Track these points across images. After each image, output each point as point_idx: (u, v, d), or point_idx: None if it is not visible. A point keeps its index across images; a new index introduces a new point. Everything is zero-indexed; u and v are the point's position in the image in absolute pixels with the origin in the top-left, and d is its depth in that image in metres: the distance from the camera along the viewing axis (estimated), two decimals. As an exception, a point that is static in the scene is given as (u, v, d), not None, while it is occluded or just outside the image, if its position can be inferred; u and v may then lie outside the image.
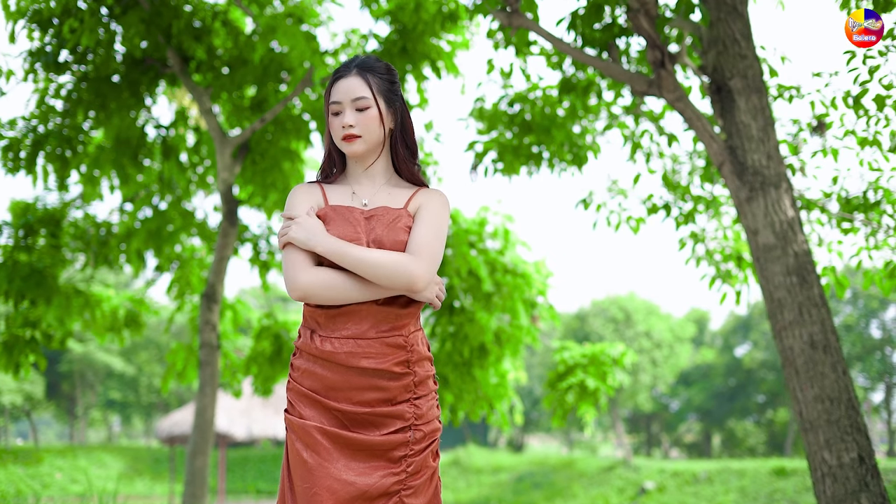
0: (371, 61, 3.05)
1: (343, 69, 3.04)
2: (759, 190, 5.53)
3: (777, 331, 5.44)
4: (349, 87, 2.99)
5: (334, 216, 2.94)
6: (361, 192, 3.07)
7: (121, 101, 8.88)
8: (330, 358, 2.84)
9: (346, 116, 2.98)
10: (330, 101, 3.02)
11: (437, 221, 3.01)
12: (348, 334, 2.85)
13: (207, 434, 8.42)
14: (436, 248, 2.95)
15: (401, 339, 2.90)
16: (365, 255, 2.81)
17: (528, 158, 8.54)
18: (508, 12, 6.23)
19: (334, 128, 3.02)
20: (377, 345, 2.86)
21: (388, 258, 2.82)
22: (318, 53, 8.17)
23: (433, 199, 3.06)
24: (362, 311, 2.86)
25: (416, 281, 2.85)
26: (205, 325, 8.70)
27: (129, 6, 8.37)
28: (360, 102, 2.99)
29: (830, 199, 7.38)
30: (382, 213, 2.97)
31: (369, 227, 2.93)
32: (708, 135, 5.74)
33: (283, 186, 9.25)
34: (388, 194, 3.07)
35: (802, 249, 5.46)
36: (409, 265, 2.84)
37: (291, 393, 2.93)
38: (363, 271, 2.81)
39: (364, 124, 3.00)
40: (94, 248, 10.08)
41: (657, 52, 5.68)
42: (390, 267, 2.81)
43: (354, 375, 2.84)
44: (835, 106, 6.90)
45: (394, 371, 2.87)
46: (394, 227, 2.93)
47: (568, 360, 10.63)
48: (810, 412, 5.25)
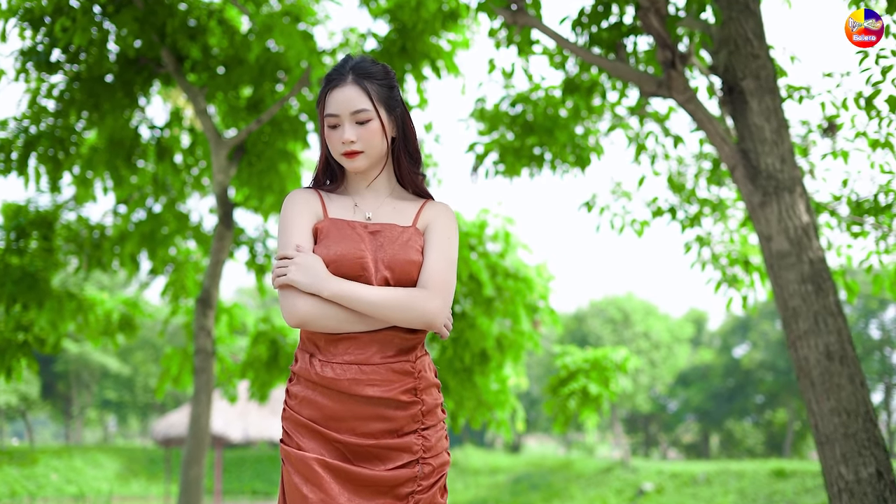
0: (367, 65, 2.80)
1: (336, 76, 2.78)
2: (773, 195, 5.35)
3: (792, 341, 5.26)
4: (347, 98, 2.75)
5: (334, 231, 2.73)
6: (364, 204, 2.85)
7: (114, 102, 8.71)
8: (331, 385, 2.63)
9: (346, 131, 2.75)
10: (325, 112, 2.78)
11: (448, 246, 2.82)
12: (351, 359, 2.65)
13: (202, 443, 8.26)
14: (450, 280, 2.77)
15: (408, 364, 2.70)
16: (376, 298, 2.62)
17: (529, 160, 8.40)
18: (514, 10, 6.05)
19: (332, 142, 2.79)
20: (383, 371, 2.66)
21: (401, 298, 2.65)
22: (315, 53, 8.01)
23: (442, 217, 2.87)
24: (366, 334, 2.67)
25: (434, 319, 2.68)
26: (199, 331, 8.53)
27: (122, 4, 8.20)
28: (360, 115, 2.76)
29: (840, 202, 7.21)
30: (390, 231, 2.76)
31: (375, 244, 2.73)
32: (719, 137, 5.56)
33: (280, 188, 9.10)
34: (394, 208, 2.86)
35: (818, 256, 5.28)
36: (425, 303, 2.67)
37: (288, 423, 2.71)
38: (375, 314, 2.63)
39: (366, 139, 2.77)
40: (87, 250, 9.91)
41: (667, 51, 5.50)
42: (405, 307, 2.64)
43: (358, 404, 2.64)
44: (846, 107, 6.72)
45: (401, 400, 2.66)
46: (406, 247, 2.74)
47: (570, 366, 10.48)
48: (826, 425, 5.07)
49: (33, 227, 9.87)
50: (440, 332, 2.75)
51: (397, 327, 2.69)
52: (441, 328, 2.71)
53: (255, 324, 10.55)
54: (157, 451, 37.66)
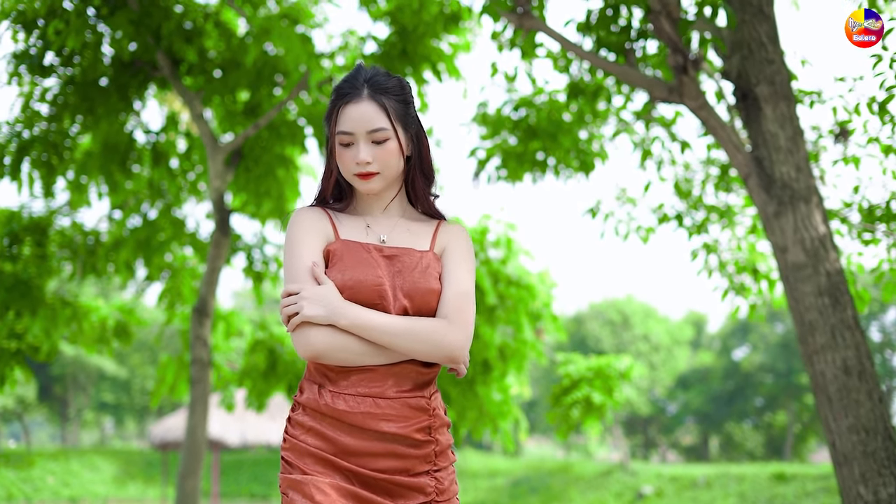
0: (382, 79, 2.59)
1: (350, 88, 2.58)
2: (788, 204, 5.17)
3: (808, 355, 5.08)
4: (363, 115, 2.54)
5: (349, 254, 2.54)
6: (377, 225, 2.66)
7: (108, 106, 8.56)
8: (343, 418, 2.46)
9: (361, 151, 2.55)
10: (338, 129, 2.57)
11: (467, 274, 2.64)
12: (365, 392, 2.47)
13: (198, 454, 8.09)
14: (471, 310, 2.60)
15: (423, 401, 2.52)
16: (396, 329, 2.45)
17: (532, 165, 8.25)
18: (520, 14, 5.88)
19: (345, 161, 2.59)
20: (398, 406, 2.48)
21: (422, 329, 2.47)
22: (314, 56, 7.86)
23: (460, 241, 2.69)
24: (382, 366, 2.50)
25: (456, 353, 2.51)
26: (196, 341, 8.36)
27: (116, 7, 8.05)
28: (377, 135, 2.55)
29: (851, 208, 7.05)
30: (407, 257, 2.58)
31: (392, 270, 2.55)
32: (732, 145, 5.39)
33: (278, 194, 8.96)
34: (408, 231, 2.67)
35: (835, 268, 5.11)
36: (447, 336, 2.49)
37: (292, 452, 2.51)
38: (394, 345, 2.45)
39: (383, 160, 2.57)
40: (81, 257, 9.75)
41: (679, 57, 5.32)
42: (426, 339, 2.47)
43: (371, 440, 2.46)
44: (858, 112, 6.56)
45: (415, 438, 2.48)
46: (425, 275, 2.56)
47: (573, 374, 10.31)
48: (844, 443, 4.90)
49: (27, 233, 9.71)
50: (458, 367, 2.58)
51: (414, 360, 2.51)
52: (462, 363, 2.54)
53: (251, 332, 10.38)
54: (154, 453, 37.50)
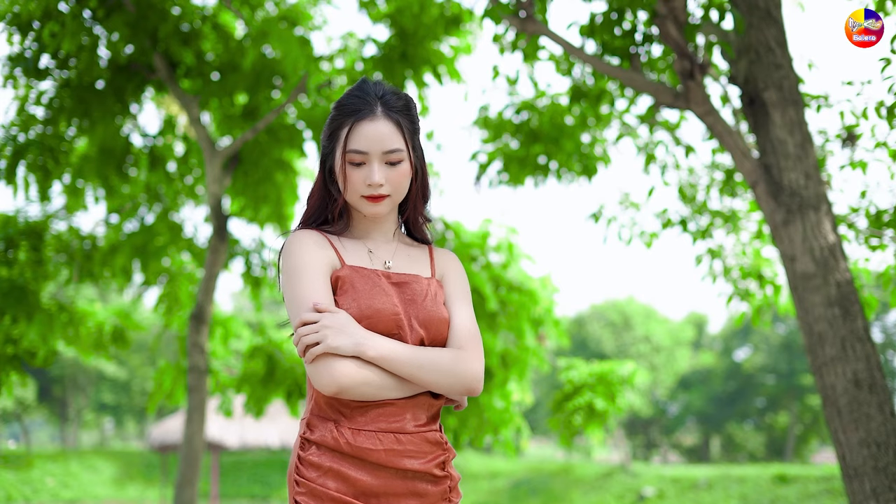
0: (394, 97, 2.47)
1: (363, 105, 2.43)
2: (797, 212, 5.05)
3: (817, 367, 4.97)
4: (379, 134, 2.41)
5: (359, 281, 2.41)
6: (379, 250, 2.54)
7: (105, 109, 8.45)
8: (366, 457, 2.32)
9: (374, 172, 2.41)
10: (351, 147, 2.42)
11: (469, 299, 2.55)
12: (386, 427, 2.36)
13: (195, 464, 7.98)
14: (479, 337, 2.49)
15: (437, 434, 2.43)
16: (422, 361, 2.35)
17: (534, 169, 8.17)
18: (522, 18, 5.77)
19: (354, 181, 2.44)
20: (418, 441, 2.38)
21: (446, 360, 2.38)
22: (312, 59, 7.76)
23: (458, 268, 2.62)
24: (401, 399, 2.39)
25: (476, 383, 2.41)
26: (192, 348, 8.25)
27: (112, 9, 7.94)
28: (393, 156, 2.43)
29: (859, 213, 6.95)
30: (416, 284, 2.48)
31: (403, 298, 2.44)
32: (740, 152, 5.27)
33: (276, 198, 8.86)
34: (408, 256, 2.57)
35: (845, 278, 4.99)
36: (468, 366, 2.40)
37: (310, 498, 2.34)
38: (418, 377, 2.35)
39: (395, 182, 2.45)
40: (77, 262, 9.64)
41: (686, 62, 5.21)
42: (449, 371, 2.37)
43: (395, 478, 2.35)
44: (865, 116, 6.46)
45: (434, 474, 2.38)
46: (436, 303, 2.47)
47: (575, 380, 10.20)
48: (855, 458, 4.79)
49: (22, 237, 9.58)
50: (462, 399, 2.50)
51: (427, 392, 2.43)
52: (477, 393, 2.44)
53: (250, 338, 10.28)
54: (153, 455, 37.48)
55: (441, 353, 2.38)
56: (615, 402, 10.06)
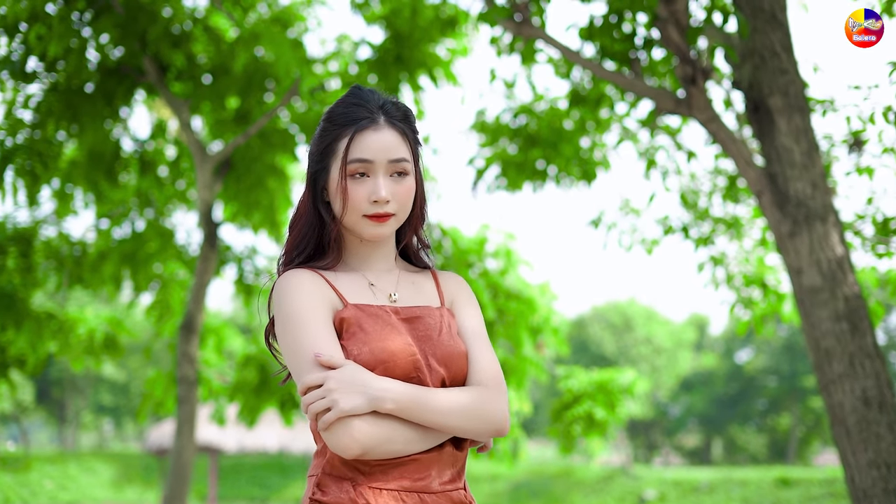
0: (391, 107, 2.23)
1: (361, 112, 2.19)
2: (804, 224, 4.86)
3: (824, 385, 4.78)
4: (384, 143, 2.16)
5: (366, 322, 2.14)
6: (380, 282, 2.26)
7: (94, 113, 8.28)
8: None
9: (380, 185, 2.15)
10: (352, 156, 2.16)
11: (484, 328, 2.29)
12: (409, 486, 2.09)
13: (185, 479, 7.79)
14: (500, 369, 2.24)
15: (462, 492, 2.19)
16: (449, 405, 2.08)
17: (532, 174, 8.02)
18: (518, 22, 5.59)
19: (356, 197, 2.17)
20: (443, 501, 2.13)
21: (473, 402, 2.11)
22: (305, 62, 7.59)
23: (466, 292, 2.36)
24: (425, 453, 2.13)
25: (505, 424, 2.15)
26: (182, 358, 8.06)
27: (101, 11, 7.79)
28: (399, 165, 2.18)
29: (865, 220, 6.79)
30: (429, 318, 2.21)
31: (417, 335, 2.17)
32: (744, 160, 5.08)
33: (269, 204, 8.69)
34: (413, 284, 2.30)
35: (853, 292, 4.81)
36: (497, 406, 2.13)
37: None
38: (445, 425, 2.09)
39: (401, 198, 2.19)
40: (67, 269, 9.48)
41: (688, 67, 5.02)
42: (478, 414, 2.11)
43: None
44: (872, 121, 6.30)
45: None
46: (452, 336, 2.21)
47: (574, 389, 10.04)
48: (864, 479, 4.60)
49: (11, 243, 9.44)
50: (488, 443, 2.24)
51: (452, 440, 2.17)
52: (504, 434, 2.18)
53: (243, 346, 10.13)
54: (152, 457, 37.42)
55: (464, 395, 2.12)
56: (615, 412, 9.90)
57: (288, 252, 2.29)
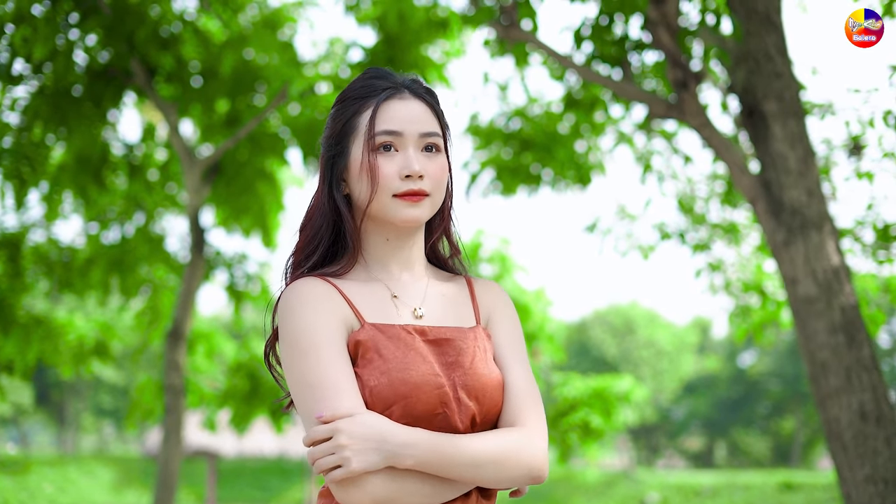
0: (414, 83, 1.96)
1: (388, 84, 1.91)
2: (799, 232, 4.72)
3: (820, 399, 4.64)
4: (414, 113, 1.88)
5: (389, 346, 1.84)
6: (405, 293, 1.95)
7: (82, 116, 8.16)
8: None
9: (412, 159, 1.86)
10: (381, 128, 1.87)
11: (524, 351, 1.99)
12: None
13: (170, 487, 7.67)
14: (541, 401, 1.93)
15: None
16: (479, 458, 1.78)
17: (527, 178, 7.92)
18: (505, 25, 5.46)
19: (385, 173, 1.87)
20: None
21: (507, 452, 1.81)
22: (295, 64, 7.47)
23: (504, 308, 2.02)
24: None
25: (543, 471, 1.84)
26: (169, 366, 7.93)
27: (88, 12, 7.67)
28: (430, 139, 1.89)
29: (864, 226, 6.67)
30: (461, 341, 1.89)
31: (444, 360, 1.86)
32: (738, 167, 4.95)
33: (258, 209, 8.56)
34: (443, 297, 1.98)
35: (850, 303, 4.66)
36: (534, 451, 1.83)
37: None
38: (477, 478, 1.79)
39: (436, 177, 1.89)
40: (56, 274, 9.37)
41: (679, 71, 4.89)
42: (515, 464, 1.81)
43: None
44: (872, 125, 6.17)
45: None
46: (486, 363, 1.89)
47: (570, 397, 9.89)
48: (861, 495, 4.46)
49: (-1, 248, 9.37)
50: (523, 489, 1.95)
51: (476, 489, 1.87)
52: (542, 481, 1.88)
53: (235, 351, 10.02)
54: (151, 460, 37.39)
55: (497, 441, 1.82)
56: (611, 420, 9.74)
57: (298, 251, 1.98)
